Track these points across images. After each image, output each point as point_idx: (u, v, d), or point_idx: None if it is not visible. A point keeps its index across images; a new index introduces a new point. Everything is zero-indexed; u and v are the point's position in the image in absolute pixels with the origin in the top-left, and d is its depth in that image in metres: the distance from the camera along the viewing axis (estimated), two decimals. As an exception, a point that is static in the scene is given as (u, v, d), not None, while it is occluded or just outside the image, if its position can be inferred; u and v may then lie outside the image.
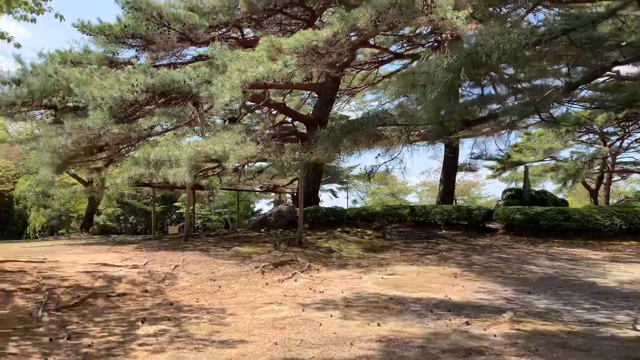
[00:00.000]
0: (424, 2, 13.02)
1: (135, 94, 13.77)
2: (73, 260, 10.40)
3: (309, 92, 27.31)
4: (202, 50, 19.73)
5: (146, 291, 8.74)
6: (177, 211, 43.80)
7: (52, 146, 13.68)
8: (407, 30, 22.65)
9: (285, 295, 8.77)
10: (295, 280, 10.23)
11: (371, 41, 20.68)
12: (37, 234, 42.22)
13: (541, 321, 7.07)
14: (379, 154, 12.46)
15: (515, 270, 12.21)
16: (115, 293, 8.39)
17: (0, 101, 15.35)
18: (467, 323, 6.85)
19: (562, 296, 9.10)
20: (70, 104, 15.42)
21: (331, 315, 7.30)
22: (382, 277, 10.66)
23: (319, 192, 22.15)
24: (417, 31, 22.90)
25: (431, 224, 20.20)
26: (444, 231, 19.55)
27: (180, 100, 15.07)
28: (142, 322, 6.86)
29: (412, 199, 56.57)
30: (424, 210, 20.81)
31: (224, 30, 18.62)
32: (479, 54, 5.74)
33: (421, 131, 9.88)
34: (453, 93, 8.26)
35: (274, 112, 24.17)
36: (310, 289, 9.37)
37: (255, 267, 10.88)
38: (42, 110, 17.61)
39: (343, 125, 10.86)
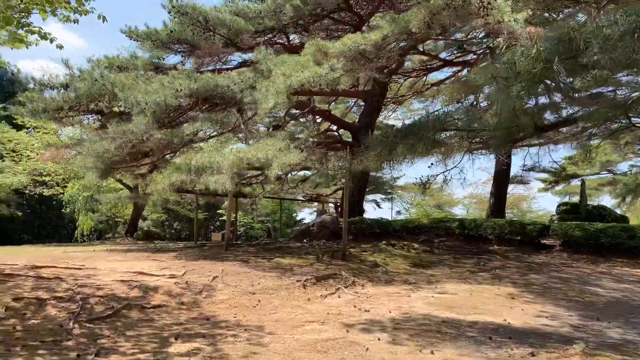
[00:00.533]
0: (481, 3, 12.26)
1: (178, 98, 13.56)
2: (111, 268, 10.12)
3: (354, 100, 26.75)
4: (247, 56, 19.52)
5: (182, 303, 8.30)
6: (220, 218, 43.93)
7: (96, 151, 13.60)
8: (458, 36, 21.82)
9: (328, 314, 8.14)
10: (339, 297, 9.59)
11: (420, 47, 19.99)
12: (85, 238, 43.27)
13: (619, 355, 6.18)
14: (432, 163, 11.73)
15: (578, 292, 11.16)
16: (150, 305, 7.98)
17: (49, 105, 15.48)
18: (533, 354, 6.05)
19: (636, 325, 8.10)
20: (116, 109, 15.40)
21: (378, 339, 6.62)
22: (433, 296, 9.88)
23: (363, 202, 21.44)
24: (469, 36, 22.02)
25: (482, 239, 19.15)
26: (495, 246, 18.47)
27: (224, 106, 14.78)
28: (176, 339, 6.39)
29: (459, 211, 54.92)
30: (474, 223, 19.77)
31: (270, 35, 18.33)
32: (575, 41, 4.94)
33: (484, 138, 9.08)
34: (536, 89, 7.38)
35: (318, 120, 23.72)
36: (354, 306, 8.71)
37: (297, 281, 10.31)
38: (89, 115, 17.76)
39: (398, 129, 10.17)
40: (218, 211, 42.87)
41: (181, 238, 46.53)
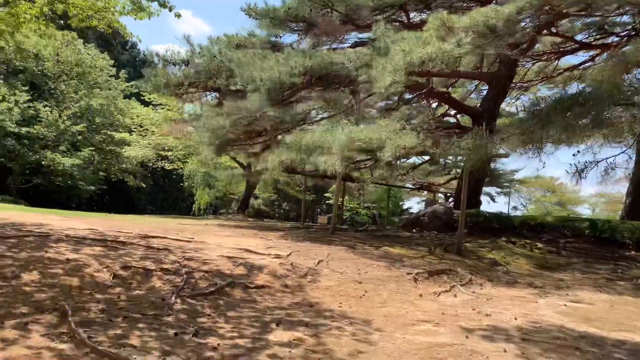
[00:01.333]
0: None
1: (293, 76, 13.23)
2: (218, 243, 10.04)
3: (474, 85, 24.94)
4: (364, 35, 18.79)
5: (286, 286, 7.89)
6: (327, 201, 44.00)
7: (212, 126, 13.74)
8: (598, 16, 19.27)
9: (443, 314, 7.28)
10: (455, 296, 8.65)
11: (553, 29, 17.92)
12: (201, 212, 45.71)
13: None
14: (578, 151, 10.18)
15: None
16: (253, 284, 7.66)
17: (170, 80, 15.96)
18: None
19: None
20: (233, 87, 15.51)
21: (504, 350, 5.67)
22: (565, 305, 8.57)
23: (480, 194, 19.93)
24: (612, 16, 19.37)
25: (616, 243, 16.87)
26: (633, 252, 16.18)
27: (337, 85, 14.25)
28: (277, 325, 5.94)
29: (584, 211, 50.26)
30: (609, 225, 17.48)
31: (389, 12, 17.40)
32: None
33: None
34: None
35: (434, 105, 22.41)
36: (473, 309, 7.74)
37: (407, 274, 9.51)
38: (208, 93, 18.17)
39: (557, 100, 8.81)
40: (325, 194, 43.01)
41: (289, 218, 47.44)
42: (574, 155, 11.36)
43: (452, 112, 20.98)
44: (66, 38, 30.07)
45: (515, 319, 7.28)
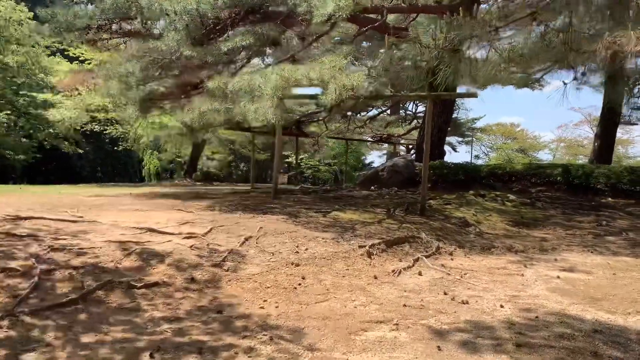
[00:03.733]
0: None
1: (216, 9, 10.73)
2: (114, 221, 7.75)
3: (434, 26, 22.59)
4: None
5: (193, 280, 5.74)
6: (286, 160, 41.86)
7: (118, 74, 11.15)
8: None
9: (404, 306, 5.31)
10: (420, 274, 6.70)
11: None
12: (152, 178, 42.77)
13: None
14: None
15: None
16: (143, 282, 5.47)
17: (73, 25, 13.10)
18: None
19: None
20: (143, 30, 12.90)
21: (496, 371, 3.75)
22: (559, 277, 6.75)
23: (444, 143, 18.08)
24: None
25: (591, 190, 15.45)
26: (609, 199, 14.76)
27: (273, 20, 11.83)
28: (151, 357, 3.82)
29: (545, 156, 49.89)
30: (582, 171, 15.97)
31: None
32: None
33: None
34: None
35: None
36: (445, 293, 5.81)
37: (360, 246, 7.50)
38: (126, 39, 15.34)
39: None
40: (284, 153, 40.72)
41: (248, 179, 45.14)
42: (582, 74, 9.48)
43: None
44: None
45: (502, 306, 5.38)
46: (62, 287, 5.13)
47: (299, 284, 5.90)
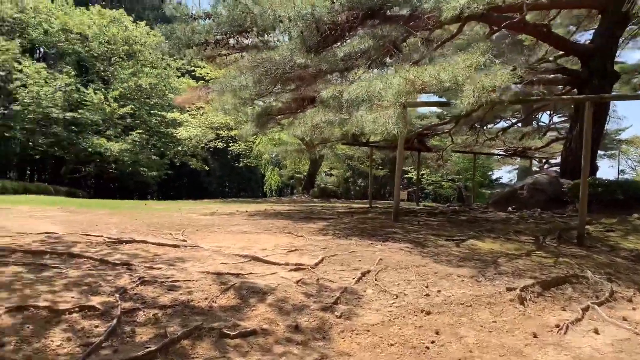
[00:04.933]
0: None
1: (332, 13, 9.78)
2: (218, 247, 6.93)
3: (576, 27, 19.79)
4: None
5: (296, 329, 4.60)
6: (405, 175, 40.27)
7: (232, 87, 10.60)
8: None
9: (587, 391, 3.68)
10: (596, 332, 4.94)
11: None
12: (273, 193, 43.54)
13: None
14: None
15: None
16: (237, 330, 4.44)
17: (191, 40, 12.99)
18: None
19: None
20: (258, 42, 12.39)
21: None
22: None
23: (596, 157, 15.43)
24: None
25: None
26: None
27: (393, 21, 10.61)
28: None
29: None
30: None
31: None
32: None
33: None
34: None
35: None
36: (644, 371, 4.06)
37: (508, 289, 5.87)
38: (244, 53, 15.08)
39: None
40: (404, 168, 39.14)
41: (366, 195, 44.13)
42: None
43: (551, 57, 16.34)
44: (110, 14, 28.37)
45: None
46: (143, 333, 4.25)
47: (432, 342, 4.49)
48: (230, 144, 28.66)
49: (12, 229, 7.73)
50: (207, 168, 35.32)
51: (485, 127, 21.95)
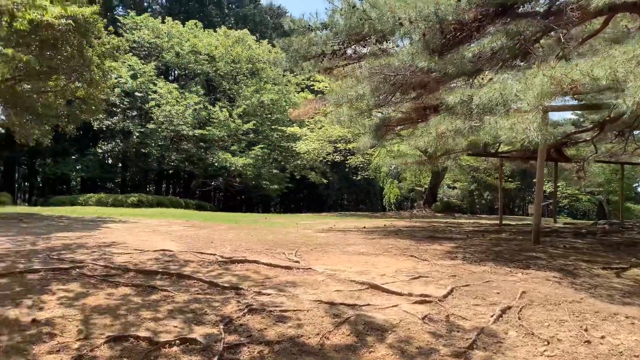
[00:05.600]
0: None
1: (458, 11, 8.91)
2: (333, 270, 6.33)
3: None
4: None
5: (424, 380, 3.81)
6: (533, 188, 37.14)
7: (349, 97, 10.07)
8: None
9: None
10: None
11: None
12: (392, 206, 42.60)
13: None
14: None
15: None
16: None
17: (308, 52, 12.77)
18: None
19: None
20: (377, 50, 11.78)
21: None
22: None
23: None
24: None
25: None
26: None
27: (529, 16, 9.44)
28: None
29: None
30: None
31: None
32: None
33: None
34: None
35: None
36: None
37: (699, 340, 4.54)
38: (361, 64, 14.60)
39: None
40: (534, 179, 36.10)
41: (493, 210, 41.33)
42: None
43: None
44: (235, 35, 29.65)
45: None
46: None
47: (604, 413, 3.44)
48: (347, 157, 28.40)
49: (132, 245, 7.84)
50: (325, 181, 35.47)
51: (634, 133, 19.21)
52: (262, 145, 29.60)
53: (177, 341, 4.06)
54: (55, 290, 5.04)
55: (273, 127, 30.82)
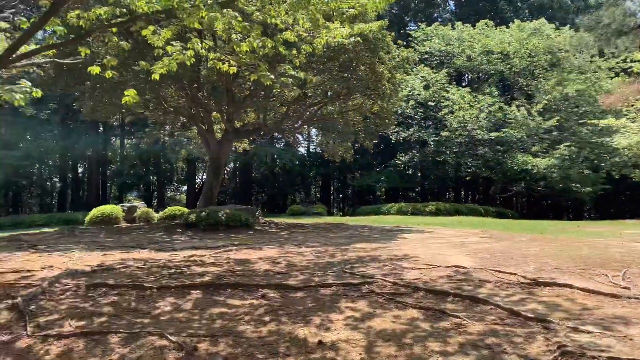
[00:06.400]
0: None
1: None
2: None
3: None
4: None
5: None
6: None
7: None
8: None
9: None
10: None
11: None
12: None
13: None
14: None
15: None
16: None
17: (623, 25, 10.50)
18: None
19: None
20: None
21: None
22: None
23: None
24: None
25: None
26: None
27: None
28: None
29: None
30: None
31: None
32: None
33: None
34: None
35: None
36: None
37: None
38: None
39: None
40: None
41: None
42: None
43: None
44: (530, 27, 27.14)
45: None
46: None
47: None
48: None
49: (424, 259, 7.44)
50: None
51: None
52: (568, 143, 26.20)
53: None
54: (343, 309, 4.94)
55: (581, 121, 27.01)
